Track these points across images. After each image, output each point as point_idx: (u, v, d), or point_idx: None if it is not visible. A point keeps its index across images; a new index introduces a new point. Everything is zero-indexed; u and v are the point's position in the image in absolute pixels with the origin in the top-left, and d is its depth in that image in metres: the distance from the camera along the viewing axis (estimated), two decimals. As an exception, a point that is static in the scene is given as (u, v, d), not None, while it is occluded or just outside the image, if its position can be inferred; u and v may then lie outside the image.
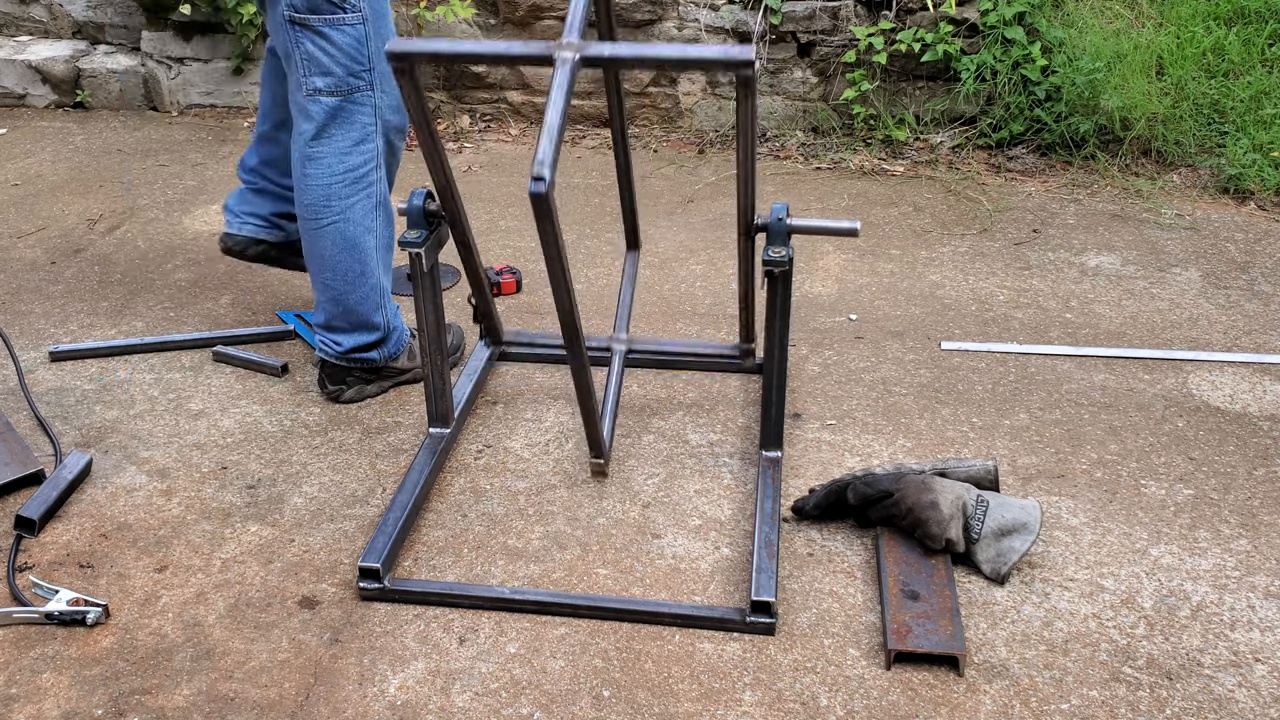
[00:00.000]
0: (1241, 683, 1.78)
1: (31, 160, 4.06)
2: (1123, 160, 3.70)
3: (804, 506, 2.14)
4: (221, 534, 2.16)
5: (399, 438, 2.44)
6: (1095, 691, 1.77)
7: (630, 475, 2.30)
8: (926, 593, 1.92)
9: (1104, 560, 2.04)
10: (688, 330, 2.85)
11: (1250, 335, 2.77)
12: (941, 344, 2.76)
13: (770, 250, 2.06)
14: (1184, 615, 1.91)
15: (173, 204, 3.66)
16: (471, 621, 1.94)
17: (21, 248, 3.37)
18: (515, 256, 3.25)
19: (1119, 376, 2.61)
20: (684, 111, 4.17)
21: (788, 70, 4.01)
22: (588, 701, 1.78)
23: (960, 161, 3.81)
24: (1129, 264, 3.14)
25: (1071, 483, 2.25)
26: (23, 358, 2.75)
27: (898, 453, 2.35)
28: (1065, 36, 3.70)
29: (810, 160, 3.91)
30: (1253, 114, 3.61)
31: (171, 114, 4.51)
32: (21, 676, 1.84)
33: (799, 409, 2.50)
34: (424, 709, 1.77)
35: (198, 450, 2.41)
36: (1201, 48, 3.71)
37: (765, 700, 1.77)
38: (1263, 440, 2.37)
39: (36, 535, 2.15)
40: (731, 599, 1.97)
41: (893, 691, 1.78)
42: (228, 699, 1.79)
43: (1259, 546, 2.07)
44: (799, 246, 3.22)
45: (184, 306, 3.01)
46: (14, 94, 4.60)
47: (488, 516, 2.19)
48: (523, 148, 4.12)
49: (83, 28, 4.66)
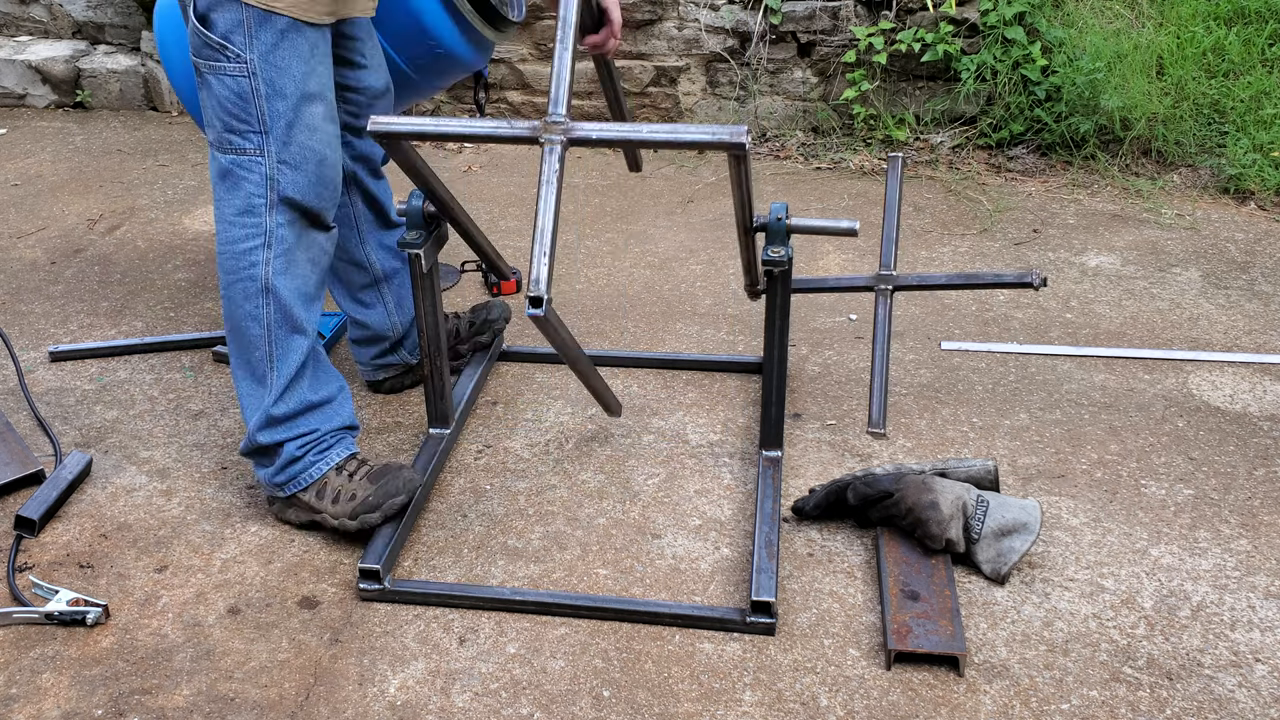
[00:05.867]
0: (1242, 683, 1.78)
1: (31, 160, 4.06)
2: (1123, 160, 3.70)
3: (804, 506, 2.14)
4: (221, 534, 2.16)
5: (399, 438, 2.44)
6: (1095, 692, 1.77)
7: (630, 475, 2.30)
8: (926, 593, 1.92)
9: (1104, 560, 2.04)
10: (687, 330, 2.85)
11: (1250, 335, 2.77)
12: (941, 344, 2.76)
13: (770, 250, 2.06)
14: (1184, 615, 1.91)
15: (173, 204, 3.66)
16: (471, 622, 1.94)
17: (21, 248, 3.37)
18: (515, 256, 3.25)
19: (1119, 376, 2.61)
20: (684, 111, 4.17)
21: (788, 70, 4.01)
22: (588, 702, 1.78)
23: (960, 161, 3.81)
24: (1129, 264, 3.14)
25: (1071, 483, 2.25)
26: (23, 358, 2.75)
27: (898, 453, 2.35)
28: (1065, 36, 3.70)
29: (810, 160, 3.91)
30: (1253, 114, 3.61)
31: (171, 114, 4.52)
32: (21, 676, 1.84)
33: (799, 409, 2.50)
34: (424, 709, 1.77)
35: (198, 450, 2.41)
36: (1201, 48, 3.71)
37: (765, 700, 1.77)
38: (1263, 440, 2.37)
39: (36, 535, 2.15)
40: (731, 599, 1.97)
41: (893, 692, 1.78)
42: (228, 699, 1.79)
43: (1259, 546, 2.07)
44: (799, 247, 3.22)
45: (184, 306, 3.01)
46: (14, 94, 4.60)
47: (488, 516, 2.19)
48: (522, 147, 4.12)
49: (83, 28, 4.66)
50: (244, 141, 1.98)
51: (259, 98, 1.94)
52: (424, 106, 4.32)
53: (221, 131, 1.99)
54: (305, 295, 2.09)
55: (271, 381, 2.08)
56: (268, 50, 1.92)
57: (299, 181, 2.01)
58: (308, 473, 2.10)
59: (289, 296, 2.05)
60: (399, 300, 2.49)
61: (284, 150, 1.98)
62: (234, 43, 1.92)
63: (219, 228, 2.05)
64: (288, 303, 2.05)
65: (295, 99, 1.97)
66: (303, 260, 2.07)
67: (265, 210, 2.01)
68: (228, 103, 1.95)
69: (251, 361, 2.08)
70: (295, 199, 2.02)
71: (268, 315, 2.05)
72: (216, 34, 1.92)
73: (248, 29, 1.91)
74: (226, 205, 2.03)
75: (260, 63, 1.93)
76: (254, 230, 2.02)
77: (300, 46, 1.95)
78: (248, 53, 1.92)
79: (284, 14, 1.92)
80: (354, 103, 2.25)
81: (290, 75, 1.95)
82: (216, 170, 2.03)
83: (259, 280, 2.03)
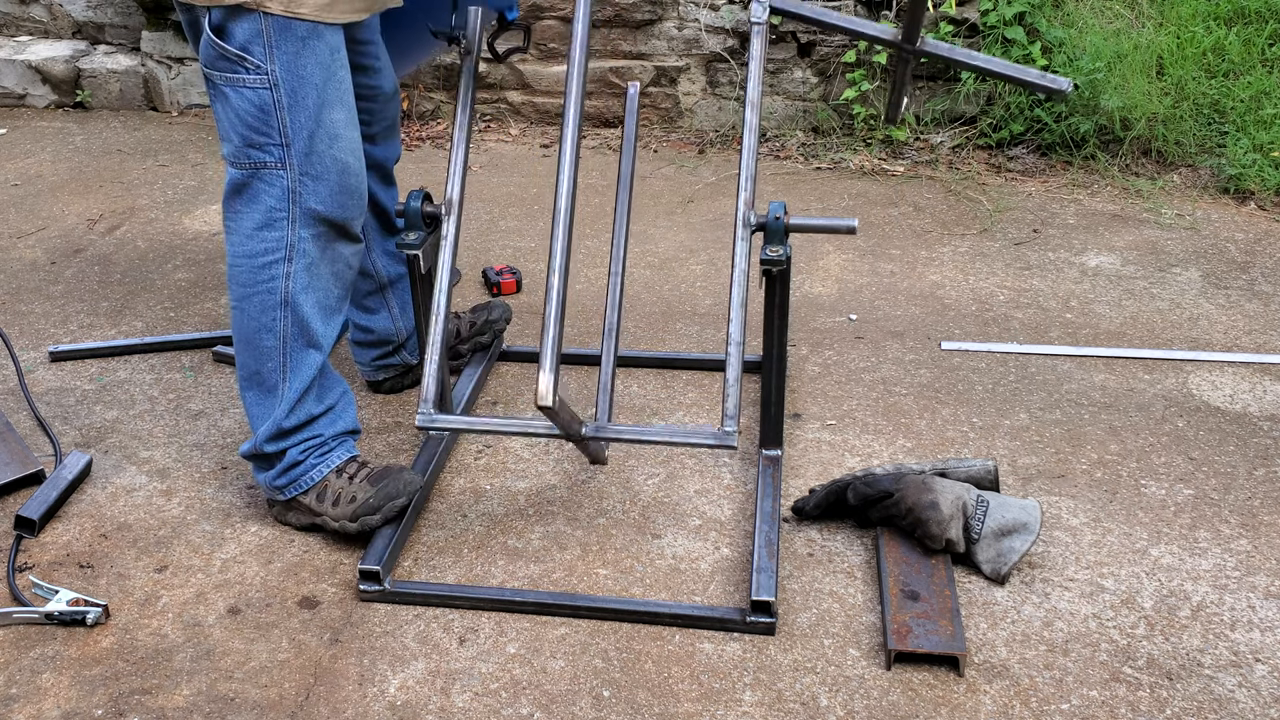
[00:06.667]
0: (1242, 683, 1.78)
1: (31, 160, 4.06)
2: (1123, 160, 3.70)
3: (804, 507, 2.14)
4: (221, 534, 2.16)
5: (399, 438, 2.44)
6: (1095, 692, 1.77)
7: (630, 475, 2.30)
8: (926, 593, 1.92)
9: (1104, 560, 2.04)
10: (687, 330, 2.85)
11: (1250, 335, 2.77)
12: (941, 344, 2.76)
13: (768, 249, 2.06)
14: (1184, 615, 1.91)
15: (173, 204, 3.66)
16: (471, 622, 1.94)
17: (21, 248, 3.37)
18: (515, 256, 3.26)
19: (1119, 376, 2.61)
20: (684, 111, 4.17)
21: (788, 70, 4.01)
22: (588, 702, 1.78)
23: (960, 161, 3.81)
24: (1129, 264, 3.14)
25: (1071, 483, 2.25)
26: (23, 358, 2.75)
27: (898, 453, 2.35)
28: (1065, 36, 3.70)
29: (810, 160, 3.91)
30: (1253, 114, 3.61)
31: (171, 114, 4.52)
32: (21, 676, 1.84)
33: (799, 409, 2.50)
34: (424, 709, 1.77)
35: (198, 450, 2.41)
36: (1201, 48, 3.71)
37: (765, 700, 1.77)
38: (1263, 440, 2.37)
39: (36, 535, 2.15)
40: (731, 599, 1.97)
41: (893, 692, 1.78)
42: (228, 699, 1.79)
43: (1259, 546, 2.07)
44: (799, 247, 3.22)
45: (184, 306, 3.01)
46: (14, 94, 4.60)
47: (488, 516, 2.19)
48: (523, 147, 4.12)
49: (83, 28, 4.66)
50: (264, 155, 1.92)
51: (280, 110, 1.88)
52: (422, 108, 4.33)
53: (240, 146, 1.92)
54: (326, 309, 2.06)
55: (283, 393, 2.05)
56: (290, 59, 1.87)
57: (322, 193, 1.96)
58: (308, 475, 2.10)
59: (309, 311, 2.02)
60: (403, 305, 2.49)
61: (306, 162, 1.93)
62: (253, 53, 1.85)
63: (234, 241, 1.99)
64: (306, 317, 2.02)
65: (316, 108, 1.91)
66: (326, 274, 2.04)
67: (287, 224, 1.96)
68: (247, 116, 1.89)
69: (263, 372, 2.05)
70: (319, 211, 1.97)
71: (284, 328, 2.02)
72: (234, 45, 1.85)
73: (267, 39, 1.85)
74: (244, 219, 1.97)
75: (282, 73, 1.86)
76: (274, 244, 1.97)
77: (321, 52, 1.90)
78: (268, 64, 1.86)
79: (309, 19, 1.86)
80: (367, 110, 2.21)
81: (312, 84, 1.89)
82: (229, 183, 1.96)
83: (278, 294, 1.99)
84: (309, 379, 2.06)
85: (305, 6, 1.85)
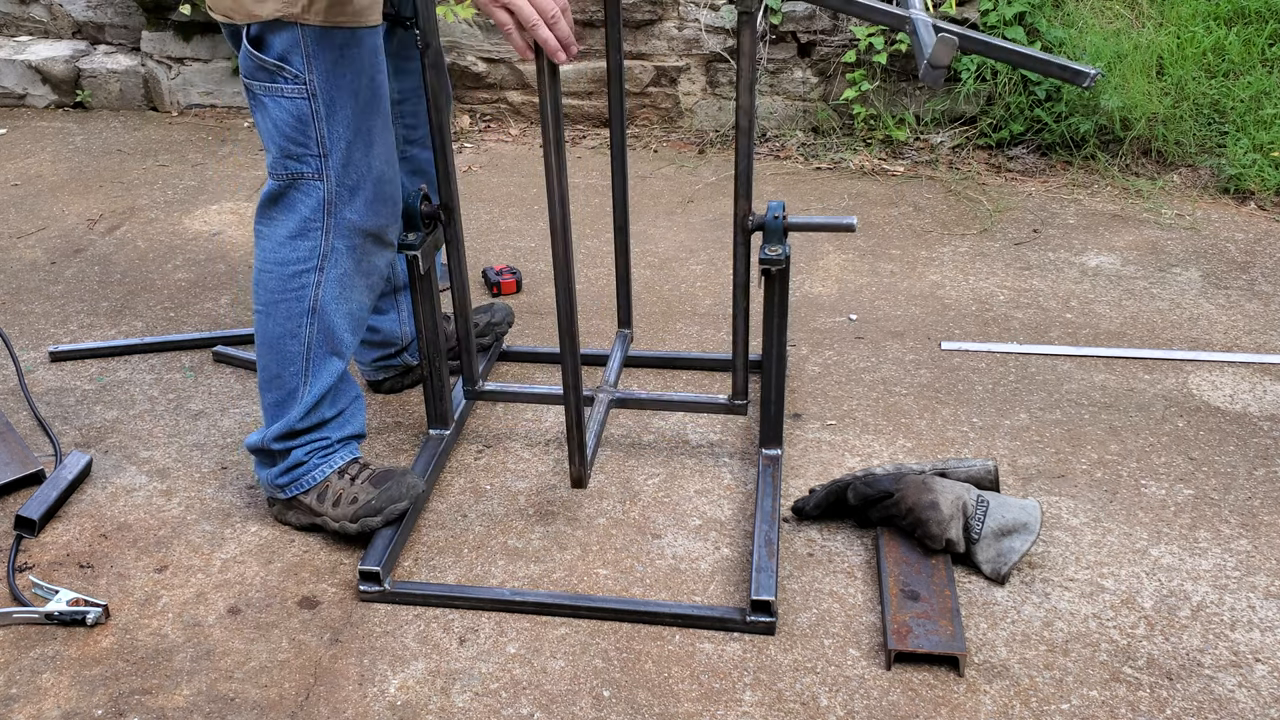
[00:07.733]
0: (1242, 683, 1.78)
1: (31, 160, 4.06)
2: (1123, 160, 3.70)
3: (804, 506, 2.14)
4: (221, 534, 2.16)
5: (399, 438, 2.44)
6: (1095, 692, 1.77)
7: (630, 475, 2.30)
8: (926, 593, 1.92)
9: (1104, 560, 2.04)
10: (687, 330, 2.85)
11: (1250, 335, 2.77)
12: (942, 344, 2.76)
13: (767, 248, 2.06)
14: (1184, 615, 1.91)
15: (173, 204, 3.66)
16: (471, 622, 1.94)
17: (21, 248, 3.37)
18: (515, 256, 3.25)
19: (1119, 376, 2.61)
20: (684, 111, 4.17)
21: (788, 70, 4.01)
22: (588, 702, 1.78)
23: (960, 161, 3.81)
24: (1129, 264, 3.14)
25: (1071, 483, 2.25)
26: (23, 358, 2.76)
27: (898, 453, 2.35)
28: (1065, 36, 3.70)
29: (810, 160, 3.91)
30: (1253, 114, 3.61)
31: (171, 114, 4.52)
32: (21, 676, 1.84)
33: (799, 409, 2.50)
34: (424, 709, 1.77)
35: (198, 450, 2.41)
36: (1201, 48, 3.71)
37: (765, 700, 1.77)
38: (1263, 440, 2.37)
39: (36, 535, 2.15)
40: (731, 599, 1.97)
41: (893, 692, 1.78)
42: (228, 699, 1.79)
43: (1259, 546, 2.07)
44: (799, 247, 3.22)
45: (184, 306, 3.01)
46: (14, 94, 4.60)
47: (488, 516, 2.19)
48: (523, 147, 4.12)
49: (83, 28, 4.66)
50: (302, 166, 1.91)
51: (319, 120, 1.88)
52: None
53: (278, 157, 1.91)
54: (355, 320, 2.07)
55: (302, 397, 2.06)
56: (329, 69, 1.85)
57: (358, 204, 1.96)
58: (310, 475, 2.10)
59: (338, 321, 2.03)
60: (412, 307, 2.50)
61: (343, 173, 1.92)
62: (292, 64, 1.84)
63: (265, 247, 1.99)
64: (335, 327, 2.03)
65: (354, 115, 1.90)
66: (361, 286, 2.05)
67: (321, 234, 1.96)
68: (286, 127, 1.88)
69: (284, 376, 2.05)
70: (355, 222, 1.97)
71: (309, 335, 2.02)
72: (272, 56, 1.84)
73: (305, 49, 1.83)
74: (279, 226, 1.97)
75: (320, 82, 1.85)
76: (307, 254, 1.97)
77: (359, 59, 1.88)
78: (307, 74, 1.84)
79: (348, 25, 1.84)
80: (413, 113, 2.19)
81: (350, 91, 1.88)
82: (266, 192, 1.97)
83: (306, 302, 1.99)
84: (328, 385, 2.07)
85: (344, 14, 1.84)
